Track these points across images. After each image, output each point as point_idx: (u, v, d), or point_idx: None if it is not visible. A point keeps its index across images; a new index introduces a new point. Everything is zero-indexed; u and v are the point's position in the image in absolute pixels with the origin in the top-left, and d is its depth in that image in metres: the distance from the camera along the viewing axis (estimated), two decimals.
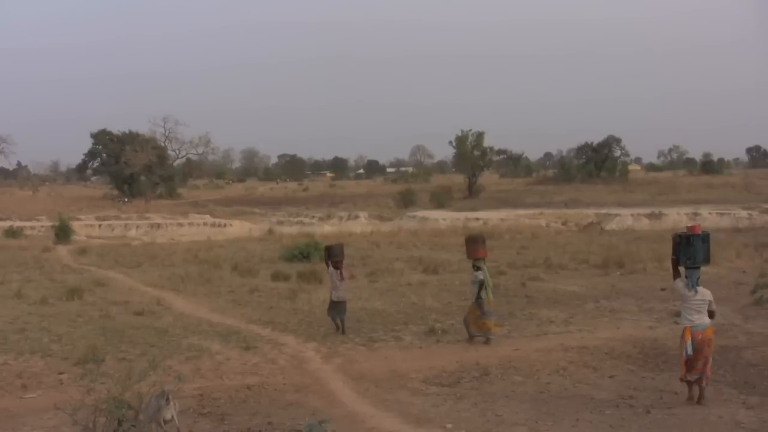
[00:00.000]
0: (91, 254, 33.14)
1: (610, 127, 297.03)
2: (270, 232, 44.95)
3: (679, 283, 10.68)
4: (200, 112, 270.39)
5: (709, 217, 44.75)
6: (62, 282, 23.27)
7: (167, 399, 9.03)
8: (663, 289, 20.53)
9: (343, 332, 15.85)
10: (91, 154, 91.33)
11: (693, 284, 10.39)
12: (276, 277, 24.04)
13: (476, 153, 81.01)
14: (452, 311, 18.18)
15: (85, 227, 48.51)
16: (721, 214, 45.83)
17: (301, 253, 28.59)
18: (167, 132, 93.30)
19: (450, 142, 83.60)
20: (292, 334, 15.95)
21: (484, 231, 39.92)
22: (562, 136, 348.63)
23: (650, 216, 45.84)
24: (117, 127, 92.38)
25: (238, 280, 23.79)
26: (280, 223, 51.81)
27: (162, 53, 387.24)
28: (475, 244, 15.44)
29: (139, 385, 9.01)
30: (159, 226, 50.65)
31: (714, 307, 10.58)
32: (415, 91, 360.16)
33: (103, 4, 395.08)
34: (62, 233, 40.98)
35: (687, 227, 10.87)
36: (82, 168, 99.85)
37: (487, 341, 14.79)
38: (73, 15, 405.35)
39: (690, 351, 10.31)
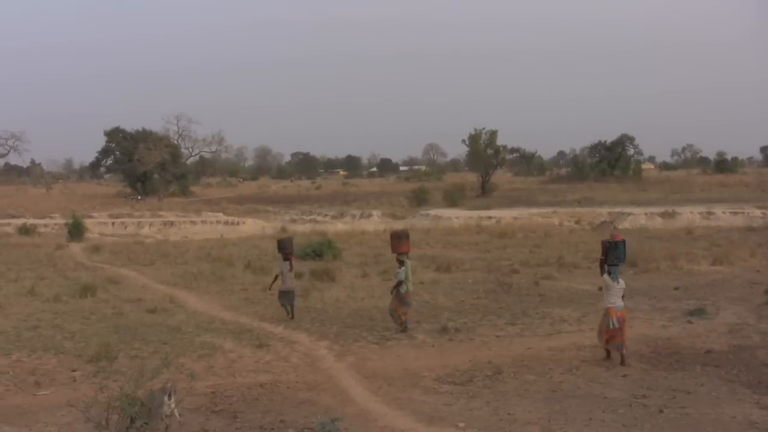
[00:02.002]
0: (104, 252, 33.30)
1: (623, 126, 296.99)
2: (283, 230, 45.01)
3: (606, 277, 13.27)
4: (213, 110, 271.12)
5: (722, 216, 44.48)
6: (75, 279, 23.41)
7: (169, 395, 9.09)
8: (676, 288, 20.47)
9: (292, 317, 17.36)
10: (105, 152, 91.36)
11: (616, 277, 13.18)
12: None
13: (489, 151, 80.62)
14: (465, 310, 18.20)
15: (98, 225, 48.66)
16: (735, 213, 45.49)
17: (314, 251, 28.65)
18: (180, 130, 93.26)
19: (463, 141, 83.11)
20: (304, 332, 15.98)
21: (497, 229, 40.05)
22: (576, 135, 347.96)
23: (664, 215, 45.59)
24: (130, 125, 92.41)
25: (250, 278, 23.85)
26: (293, 221, 51.87)
27: (175, 51, 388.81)
28: (399, 239, 16.56)
29: (151, 383, 9.05)
30: (172, 224, 50.76)
31: (625, 293, 13.54)
32: (428, 89, 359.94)
33: (117, 2, 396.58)
34: (75, 231, 41.16)
35: (612, 235, 13.91)
36: (95, 166, 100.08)
37: (404, 329, 15.84)
38: (87, 13, 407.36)
39: (616, 324, 12.98)
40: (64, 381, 12.42)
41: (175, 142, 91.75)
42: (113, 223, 50.59)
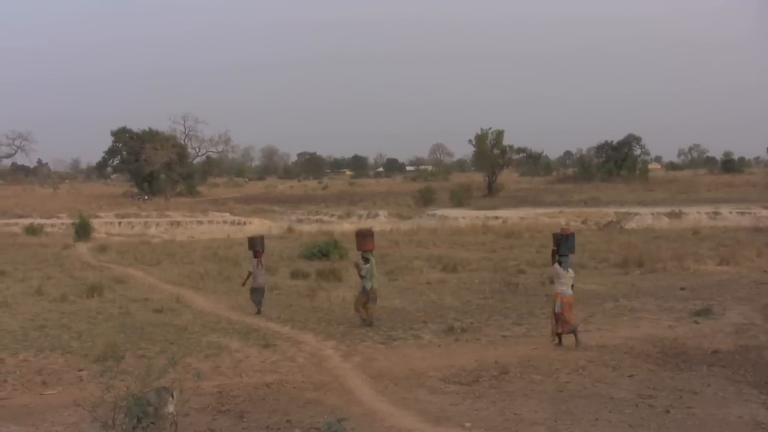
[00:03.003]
0: (110, 252, 33.31)
1: (630, 126, 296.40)
2: (289, 230, 45.04)
3: (557, 266, 14.40)
4: (220, 110, 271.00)
5: (729, 216, 44.41)
6: (82, 279, 23.42)
7: (171, 394, 9.11)
8: (683, 289, 20.42)
9: (258, 312, 18.02)
10: (112, 152, 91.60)
11: (566, 267, 14.34)
12: (295, 275, 24.12)
13: (496, 151, 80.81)
14: (471, 310, 18.19)
15: (105, 225, 48.79)
16: (742, 213, 45.44)
17: (321, 251, 28.63)
18: (187, 130, 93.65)
19: (469, 141, 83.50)
20: (311, 332, 15.98)
21: (504, 229, 40.01)
22: (582, 135, 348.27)
23: (670, 215, 45.55)
24: (137, 125, 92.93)
25: None
26: (300, 221, 51.91)
27: (182, 51, 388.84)
28: (364, 237, 17.10)
29: (158, 383, 9.07)
30: (178, 223, 50.85)
31: (573, 282, 14.64)
32: (434, 89, 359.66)
33: (123, 1, 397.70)
34: (82, 231, 41.18)
35: (561, 229, 15.42)
36: (102, 166, 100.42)
37: (369, 324, 16.37)
38: (93, 13, 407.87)
39: (559, 309, 14.13)
40: (70, 380, 12.45)
41: (182, 142, 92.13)
42: (120, 223, 50.72)
